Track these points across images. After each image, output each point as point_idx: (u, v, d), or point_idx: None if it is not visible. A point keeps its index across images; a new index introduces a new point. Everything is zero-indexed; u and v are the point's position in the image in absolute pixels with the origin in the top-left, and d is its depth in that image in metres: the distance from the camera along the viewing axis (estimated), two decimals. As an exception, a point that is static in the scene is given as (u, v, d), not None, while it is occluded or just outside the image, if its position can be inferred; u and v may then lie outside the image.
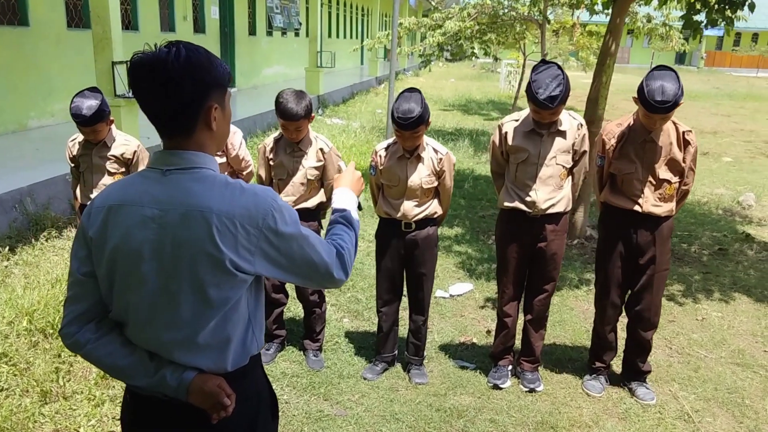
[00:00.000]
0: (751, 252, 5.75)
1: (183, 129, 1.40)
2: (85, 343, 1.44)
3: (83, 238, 1.42)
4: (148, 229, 1.36)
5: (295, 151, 3.34)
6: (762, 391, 3.40)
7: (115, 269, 1.39)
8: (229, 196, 1.37)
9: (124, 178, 1.48)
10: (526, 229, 3.19)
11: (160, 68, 1.33)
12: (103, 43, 6.67)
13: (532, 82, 2.91)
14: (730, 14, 5.91)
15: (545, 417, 3.10)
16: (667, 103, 2.79)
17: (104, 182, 3.50)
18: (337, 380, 3.43)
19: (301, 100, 3.16)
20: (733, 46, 40.74)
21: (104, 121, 3.39)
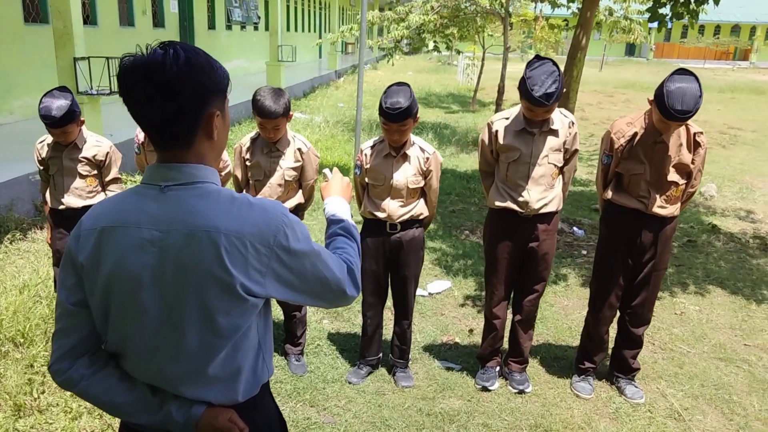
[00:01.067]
0: (719, 243, 5.86)
1: (182, 139, 1.25)
2: (79, 379, 1.30)
3: (71, 264, 1.27)
4: (147, 253, 1.22)
5: (273, 151, 3.19)
6: (747, 387, 3.42)
7: (110, 298, 1.25)
8: (237, 213, 1.23)
9: (115, 195, 1.32)
10: (517, 228, 3.10)
11: (158, 72, 1.18)
12: (63, 39, 6.41)
13: (527, 79, 2.80)
14: (695, 7, 5.98)
15: (537, 420, 3.03)
16: (687, 113, 2.68)
17: (76, 185, 3.33)
18: (321, 385, 3.28)
19: (279, 97, 3.01)
20: (680, 38, 42.11)
21: (75, 122, 3.20)
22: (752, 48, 43.95)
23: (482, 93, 16.84)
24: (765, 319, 4.27)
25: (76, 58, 6.49)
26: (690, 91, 2.69)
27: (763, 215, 7.01)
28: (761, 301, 4.56)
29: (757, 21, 44.04)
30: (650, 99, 2.87)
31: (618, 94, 19.30)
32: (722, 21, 41.19)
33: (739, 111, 16.33)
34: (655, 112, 2.83)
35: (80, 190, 3.33)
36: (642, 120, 3.00)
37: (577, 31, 5.81)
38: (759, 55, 43.79)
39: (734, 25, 44.02)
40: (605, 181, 3.19)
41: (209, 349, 1.26)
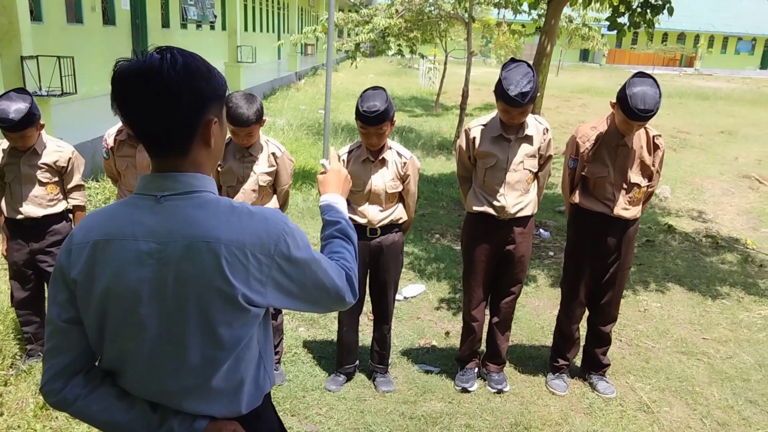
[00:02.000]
0: (675, 243, 6.14)
1: (178, 146, 1.22)
2: (74, 399, 1.26)
3: (62, 280, 1.23)
4: (144, 266, 1.19)
5: (246, 157, 3.13)
6: (708, 378, 3.62)
7: (106, 314, 1.22)
8: (237, 223, 1.22)
9: (108, 207, 1.28)
10: (494, 232, 3.19)
11: (155, 77, 1.16)
12: (9, 36, 6.13)
13: (503, 80, 2.89)
14: (651, 17, 6.25)
15: (517, 418, 3.13)
16: (649, 111, 2.84)
17: (35, 194, 3.14)
18: (301, 393, 3.29)
19: (251, 103, 2.96)
20: (631, 45, 43.59)
21: (34, 126, 3.03)
22: (697, 55, 45.97)
23: (444, 97, 17.06)
24: (720, 314, 4.52)
25: (24, 56, 6.22)
26: (650, 92, 2.86)
27: (713, 215, 7.37)
28: (715, 297, 4.81)
29: (700, 30, 46.09)
30: (613, 102, 3.02)
31: (574, 98, 19.86)
32: (669, 29, 42.85)
33: (686, 116, 17.06)
34: (619, 114, 2.98)
35: (40, 199, 3.14)
36: (604, 124, 3.14)
37: (541, 38, 6.00)
38: (703, 62, 45.84)
39: (680, 33, 45.90)
40: (572, 185, 3.32)
41: (212, 362, 1.24)
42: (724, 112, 18.40)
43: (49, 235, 3.21)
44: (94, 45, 11.51)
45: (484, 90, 20.35)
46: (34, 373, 3.22)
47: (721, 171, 10.02)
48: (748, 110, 19.35)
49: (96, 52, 11.65)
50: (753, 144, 12.96)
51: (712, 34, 47.01)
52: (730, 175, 9.71)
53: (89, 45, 11.33)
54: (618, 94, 2.95)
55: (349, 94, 17.69)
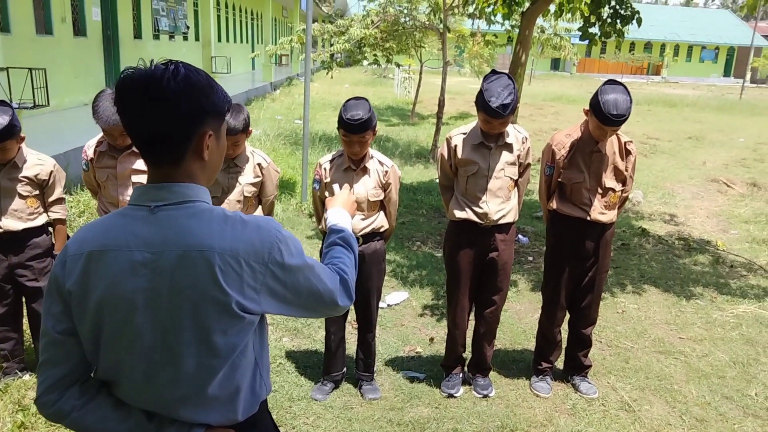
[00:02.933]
0: (649, 246, 6.29)
1: (172, 156, 1.25)
2: (69, 411, 1.26)
3: (57, 291, 1.25)
4: (139, 276, 1.20)
5: (231, 167, 3.11)
6: (685, 376, 3.72)
7: (101, 324, 1.23)
8: (231, 232, 1.24)
9: (101, 218, 1.29)
10: (477, 239, 3.25)
11: (155, 85, 1.19)
12: (-21, 48, 6.00)
13: (484, 91, 2.96)
14: (621, 27, 6.44)
15: (503, 420, 3.17)
16: (621, 116, 2.94)
17: (15, 207, 3.09)
18: (287, 403, 3.29)
19: (238, 113, 2.97)
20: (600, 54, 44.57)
21: (15, 139, 2.99)
22: (663, 63, 47.23)
23: (420, 106, 17.20)
24: (694, 314, 4.65)
25: (-7, 68, 6.14)
26: (622, 98, 2.98)
27: (685, 218, 7.58)
28: (690, 298, 4.95)
29: (666, 39, 47.38)
30: (586, 109, 3.12)
31: (547, 106, 20.20)
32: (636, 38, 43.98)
33: (655, 122, 17.50)
34: (592, 120, 3.08)
35: (20, 212, 3.10)
36: (578, 131, 3.24)
37: (516, 48, 6.12)
38: (669, 71, 47.10)
39: (647, 42, 47.12)
40: (548, 192, 3.41)
41: (207, 371, 1.25)
42: (691, 119, 18.94)
43: (28, 248, 3.17)
44: (64, 57, 11.35)
45: (459, 99, 20.60)
46: (11, 391, 3.15)
47: (690, 175, 10.31)
48: (713, 116, 19.96)
49: (67, 63, 11.49)
50: (719, 149, 13.37)
51: (677, 43, 48.37)
52: (699, 180, 9.99)
53: (60, 57, 11.17)
54: (591, 102, 3.05)
55: (325, 104, 17.73)
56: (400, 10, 11.13)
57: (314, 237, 6.12)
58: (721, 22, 51.06)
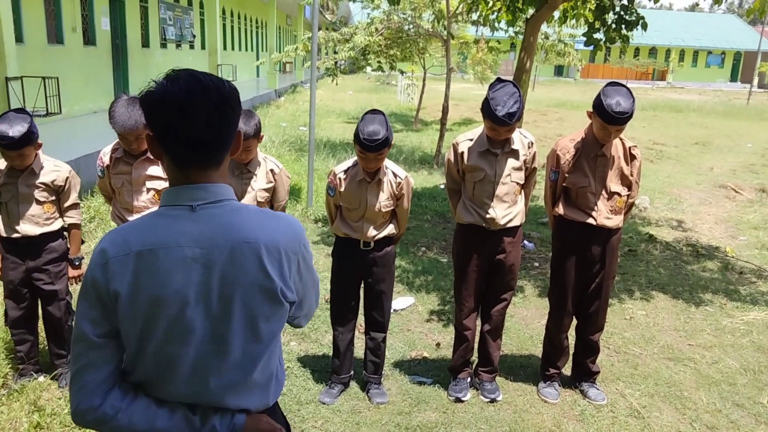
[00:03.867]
0: (656, 252, 6.26)
1: (220, 158, 1.31)
2: (114, 413, 1.26)
3: (96, 295, 1.24)
4: (192, 270, 1.25)
5: (244, 173, 3.17)
6: (695, 383, 3.69)
7: (155, 322, 1.25)
8: (269, 224, 1.33)
9: (139, 221, 1.30)
10: (484, 242, 3.25)
11: (214, 91, 1.24)
12: (-6, 58, 6.10)
13: (490, 100, 2.97)
14: (626, 32, 6.44)
15: (512, 426, 3.16)
16: (624, 113, 2.94)
17: (32, 213, 3.15)
18: (296, 407, 3.29)
19: (249, 119, 3.02)
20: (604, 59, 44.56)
21: (32, 145, 3.05)
22: (668, 69, 47.18)
23: (423, 112, 17.23)
24: (703, 320, 4.61)
25: (9, 77, 6.23)
26: (625, 97, 2.99)
27: (692, 224, 7.54)
28: (699, 304, 4.92)
29: (671, 44, 47.36)
30: (589, 111, 3.12)
31: (551, 112, 20.21)
32: (641, 44, 43.95)
33: (661, 128, 17.45)
34: (596, 121, 3.07)
35: (37, 217, 3.17)
36: (583, 136, 3.24)
37: (521, 54, 6.13)
38: (674, 76, 47.04)
39: (651, 47, 47.10)
40: (554, 197, 3.40)
41: (253, 357, 1.31)
42: (698, 124, 18.89)
43: (45, 253, 3.22)
44: (75, 65, 11.46)
45: (462, 105, 20.63)
46: (27, 392, 3.17)
47: (697, 181, 10.27)
48: (720, 122, 19.89)
49: (77, 72, 11.61)
50: (727, 154, 13.31)
51: (682, 48, 48.32)
52: (707, 185, 9.95)
53: (70, 65, 11.28)
54: (594, 103, 3.06)
55: (329, 111, 17.79)
56: (404, 17, 11.19)
57: (320, 242, 6.13)
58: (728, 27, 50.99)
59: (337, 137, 12.87)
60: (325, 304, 4.55)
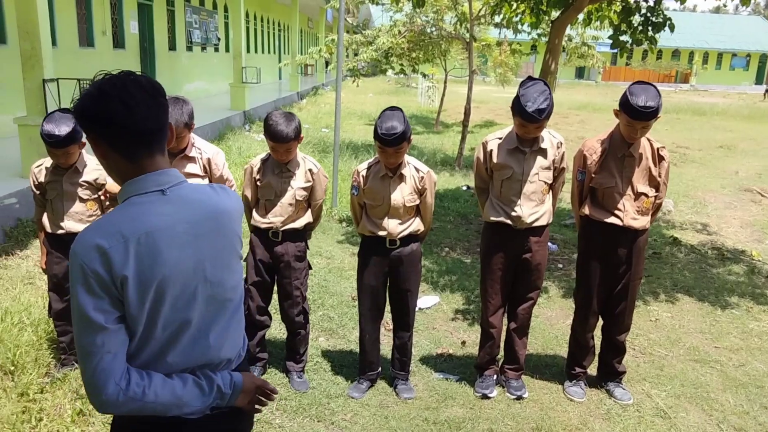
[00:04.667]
0: (681, 255, 6.24)
1: (164, 143, 1.46)
2: (141, 391, 1.35)
3: (101, 284, 1.29)
4: (186, 245, 1.40)
5: (284, 172, 3.31)
6: (722, 385, 3.69)
7: (162, 298, 1.36)
8: (224, 196, 1.53)
9: (116, 211, 1.38)
10: (511, 241, 3.30)
11: (146, 82, 1.39)
12: (32, 61, 6.32)
13: (521, 96, 3.03)
14: (652, 34, 6.42)
15: (538, 423, 3.20)
16: (650, 108, 2.96)
17: (76, 210, 3.29)
18: (325, 400, 3.37)
19: (290, 122, 3.17)
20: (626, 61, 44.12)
21: (77, 144, 3.18)
22: (692, 71, 46.54)
23: (444, 114, 17.26)
24: (730, 323, 4.60)
25: (45, 79, 6.40)
26: (650, 91, 3.01)
27: (717, 228, 7.48)
28: (725, 307, 4.90)
29: (694, 46, 46.76)
30: (616, 110, 3.14)
31: (572, 115, 20.11)
32: (664, 46, 43.47)
33: (684, 131, 17.27)
34: (622, 118, 3.10)
35: (80, 214, 3.30)
36: (610, 136, 3.26)
37: (546, 56, 6.16)
38: (698, 78, 46.38)
39: (675, 49, 46.55)
40: (580, 197, 3.43)
41: (237, 310, 1.55)
42: (722, 127, 18.64)
43: None
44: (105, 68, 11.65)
45: (483, 108, 20.62)
46: (69, 380, 3.29)
47: (722, 185, 10.16)
48: (745, 125, 19.60)
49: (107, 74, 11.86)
50: (752, 158, 13.14)
51: (706, 50, 47.66)
52: (732, 189, 9.85)
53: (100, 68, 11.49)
54: (620, 100, 3.09)
55: (350, 113, 17.90)
56: (427, 20, 11.26)
57: (345, 242, 6.21)
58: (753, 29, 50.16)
59: (359, 139, 12.96)
60: (352, 302, 4.65)
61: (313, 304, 4.56)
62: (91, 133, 1.39)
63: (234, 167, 8.67)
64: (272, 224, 3.35)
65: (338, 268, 5.41)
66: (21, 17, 6.12)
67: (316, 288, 4.85)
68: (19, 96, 8.90)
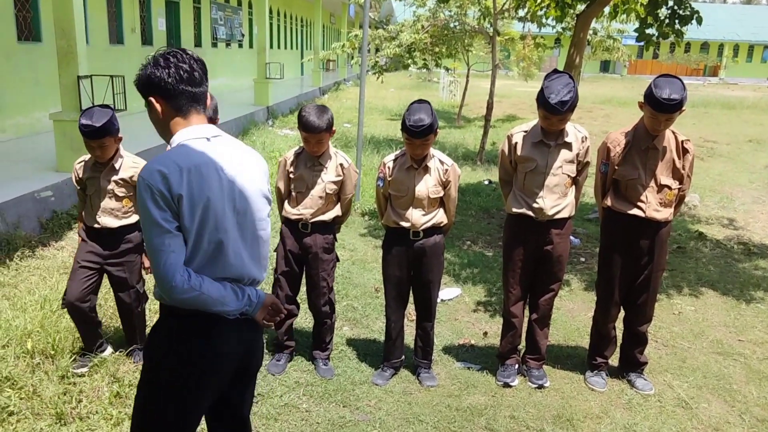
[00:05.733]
0: (706, 249, 6.20)
1: (206, 104, 1.86)
2: (199, 284, 1.71)
3: (163, 200, 1.67)
4: (223, 180, 1.77)
5: (315, 165, 3.40)
6: (745, 377, 3.70)
7: (207, 217, 1.72)
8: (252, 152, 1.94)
9: (175, 149, 1.75)
10: (533, 233, 3.35)
11: (196, 57, 1.83)
12: (68, 58, 6.53)
13: (545, 88, 3.07)
14: (679, 27, 6.37)
15: (560, 411, 3.26)
16: (674, 101, 2.99)
17: (112, 206, 3.36)
18: (350, 387, 3.46)
19: (323, 114, 3.27)
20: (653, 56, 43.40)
21: (113, 137, 3.25)
22: (721, 65, 45.57)
23: (465, 109, 17.24)
24: (755, 317, 4.58)
25: (80, 76, 6.59)
26: (675, 83, 3.04)
27: (744, 223, 7.40)
28: (750, 301, 4.87)
29: (724, 39, 45.73)
30: (640, 102, 3.17)
31: (596, 109, 19.88)
32: (692, 39, 42.62)
33: (713, 125, 16.98)
34: (646, 110, 3.13)
35: (116, 211, 3.38)
36: (634, 129, 3.29)
37: (570, 50, 6.15)
38: (728, 72, 45.40)
39: (703, 42, 45.61)
40: (604, 189, 3.46)
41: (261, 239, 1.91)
42: (752, 121, 18.27)
43: (123, 243, 3.44)
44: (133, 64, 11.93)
45: (505, 102, 20.51)
46: (107, 365, 3.44)
47: (750, 179, 10.01)
48: (775, 119, 19.18)
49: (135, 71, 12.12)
50: (782, 153, 12.89)
51: (736, 43, 46.58)
52: (761, 184, 9.70)
53: (130, 65, 11.78)
54: (645, 93, 3.12)
55: (372, 108, 17.97)
56: (450, 15, 11.26)
57: (367, 235, 6.30)
58: (785, 22, 48.88)
59: (381, 134, 13.04)
60: (375, 293, 4.74)
61: (337, 294, 4.65)
62: (153, 95, 1.77)
63: (259, 161, 8.84)
64: (302, 216, 3.44)
65: (361, 260, 5.50)
66: (57, 16, 6.32)
67: (340, 279, 4.94)
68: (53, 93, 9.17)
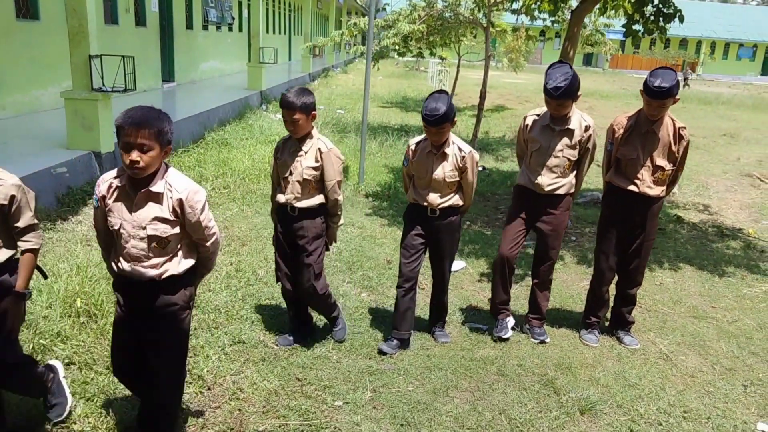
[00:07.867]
0: (683, 231, 6.76)
1: None
2: None
3: None
4: None
5: (296, 151, 3.40)
6: (716, 336, 4.24)
7: None
8: None
9: None
10: (531, 202, 3.87)
11: None
12: (79, 37, 6.68)
13: (546, 75, 3.56)
14: (663, 24, 6.87)
15: (560, 360, 3.75)
16: (662, 88, 3.48)
17: None
18: (374, 343, 3.87)
19: (302, 95, 3.27)
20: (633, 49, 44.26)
21: None
22: (698, 61, 46.70)
23: (455, 99, 17.66)
24: (725, 288, 5.14)
25: (92, 55, 6.79)
26: (668, 74, 3.54)
27: (718, 209, 8.00)
28: (722, 275, 5.43)
29: (702, 36, 46.83)
30: (641, 90, 3.65)
31: (580, 102, 20.24)
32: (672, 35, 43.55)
33: (690, 119, 17.65)
34: (644, 97, 3.62)
35: None
36: (637, 114, 3.78)
37: (564, 44, 6.61)
38: (705, 68, 46.56)
39: (682, 39, 46.65)
40: (608, 165, 3.94)
41: None
42: (726, 117, 19.06)
43: None
44: (128, 45, 12.12)
45: (493, 92, 20.96)
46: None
47: (724, 170, 10.65)
48: (749, 115, 20.01)
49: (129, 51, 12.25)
50: (754, 146, 13.60)
51: (714, 40, 47.76)
52: (733, 174, 10.34)
53: (124, 45, 11.94)
54: (643, 83, 3.60)
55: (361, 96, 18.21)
56: (445, 4, 11.63)
57: (372, 215, 6.71)
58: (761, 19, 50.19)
59: (374, 121, 13.41)
60: (387, 265, 5.16)
61: (352, 266, 5.08)
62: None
63: (260, 145, 9.15)
64: (287, 201, 3.48)
65: (371, 236, 5.91)
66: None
67: (354, 252, 5.37)
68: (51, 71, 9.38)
